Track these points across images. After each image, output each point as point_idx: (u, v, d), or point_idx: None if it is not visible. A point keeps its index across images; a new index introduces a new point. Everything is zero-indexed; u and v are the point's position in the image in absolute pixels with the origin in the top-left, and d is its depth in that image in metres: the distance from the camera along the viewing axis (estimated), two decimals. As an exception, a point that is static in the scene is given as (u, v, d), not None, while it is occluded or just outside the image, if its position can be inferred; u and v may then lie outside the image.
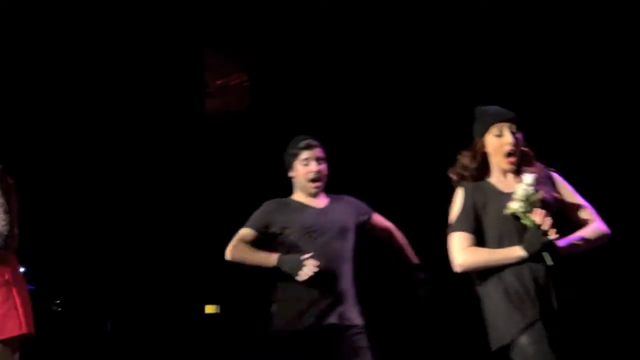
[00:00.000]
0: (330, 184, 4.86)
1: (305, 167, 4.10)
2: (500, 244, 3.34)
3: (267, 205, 4.15)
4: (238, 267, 6.43)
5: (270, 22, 6.32)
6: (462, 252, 3.36)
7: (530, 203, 3.23)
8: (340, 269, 4.03)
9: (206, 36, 6.54)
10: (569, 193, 3.47)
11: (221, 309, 6.43)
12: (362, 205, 4.27)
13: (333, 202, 4.20)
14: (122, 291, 6.35)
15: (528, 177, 3.25)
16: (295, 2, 6.21)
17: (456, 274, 3.72)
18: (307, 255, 3.83)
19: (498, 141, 3.36)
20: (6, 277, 3.70)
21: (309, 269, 3.83)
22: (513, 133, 3.35)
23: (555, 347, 3.22)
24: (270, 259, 3.95)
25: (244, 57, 6.73)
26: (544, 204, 3.26)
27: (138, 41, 6.44)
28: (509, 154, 3.33)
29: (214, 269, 6.15)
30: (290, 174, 4.16)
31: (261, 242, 4.16)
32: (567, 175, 3.67)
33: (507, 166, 3.36)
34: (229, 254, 4.09)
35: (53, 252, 6.19)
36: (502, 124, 3.41)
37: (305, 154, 4.09)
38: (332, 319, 3.94)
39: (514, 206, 3.21)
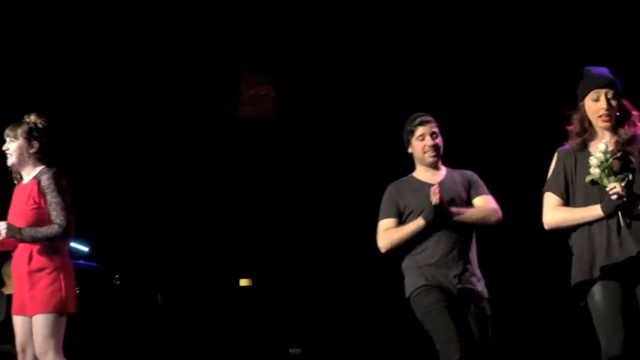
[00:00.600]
0: (345, 187, 6.26)
1: (421, 142, 4.14)
2: (586, 204, 3.46)
3: (389, 191, 4.25)
4: (266, 247, 6.67)
5: (295, 41, 6.72)
6: (548, 213, 3.55)
7: (604, 169, 3.35)
8: (458, 239, 4.10)
9: (240, 53, 6.88)
10: None
11: (253, 282, 6.81)
12: (476, 184, 4.28)
13: (449, 177, 4.25)
14: (170, 268, 6.81)
15: (601, 145, 3.38)
16: (316, 25, 6.60)
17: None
18: (431, 194, 3.97)
19: (595, 105, 3.46)
20: (56, 263, 4.10)
21: (434, 190, 3.95)
22: (609, 99, 3.45)
23: (632, 298, 3.42)
24: (419, 222, 4.06)
25: (272, 71, 7.10)
26: (623, 167, 3.42)
27: (184, 57, 6.83)
28: (601, 115, 3.47)
29: (247, 250, 6.93)
30: (409, 150, 4.22)
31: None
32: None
33: (602, 124, 3.44)
34: (382, 245, 4.18)
35: (113, 236, 6.69)
36: (600, 90, 3.50)
37: (420, 130, 4.14)
38: (452, 281, 4.05)
39: (592, 173, 3.37)
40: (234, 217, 7.01)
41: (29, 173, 4.23)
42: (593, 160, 3.33)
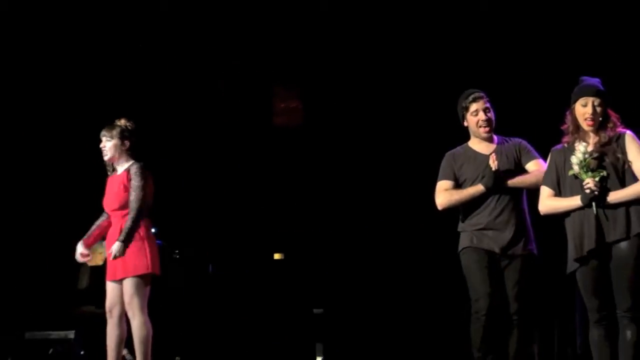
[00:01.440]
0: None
1: (475, 117, 4.11)
2: (571, 194, 3.61)
3: (447, 158, 4.27)
4: (295, 230, 7.12)
5: (318, 66, 7.21)
6: (542, 202, 3.75)
7: (582, 167, 3.52)
8: (507, 201, 4.07)
9: (275, 74, 7.48)
10: (632, 152, 3.59)
11: (285, 256, 7.32)
12: (526, 150, 4.22)
13: (499, 146, 4.19)
14: (219, 244, 7.28)
15: (581, 147, 3.56)
16: (337, 54, 7.03)
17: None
18: (490, 161, 3.99)
19: (582, 110, 3.60)
20: (141, 234, 4.41)
21: (493, 157, 4.01)
22: (594, 106, 3.59)
23: (605, 271, 3.57)
24: (478, 188, 4.05)
25: (300, 89, 7.54)
26: (599, 165, 3.57)
27: (230, 78, 7.43)
28: (586, 119, 3.59)
29: (280, 231, 7.39)
30: (464, 124, 4.19)
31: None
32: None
33: (586, 127, 3.61)
34: (440, 203, 4.17)
35: (173, 220, 6.96)
36: (589, 98, 3.61)
37: (474, 106, 4.11)
38: (500, 244, 4.03)
39: (573, 169, 3.56)
40: (270, 204, 7.46)
41: (122, 166, 4.54)
42: (574, 159, 3.54)
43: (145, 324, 4.43)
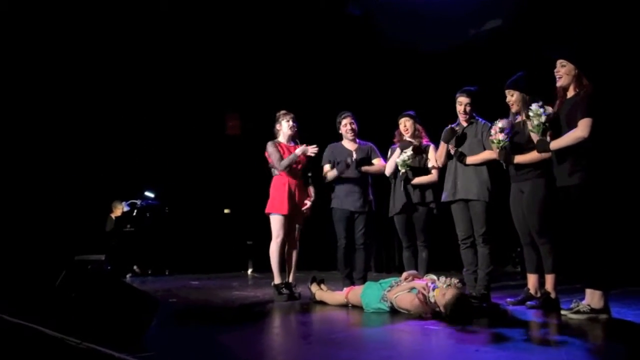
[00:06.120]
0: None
1: (345, 127, 4.64)
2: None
3: (328, 149, 4.66)
4: (237, 195, 8.57)
5: (248, 103, 8.17)
6: (387, 170, 4.28)
7: (402, 162, 4.14)
8: (360, 180, 4.53)
9: (226, 106, 8.61)
10: (431, 155, 4.07)
11: (231, 211, 8.58)
12: (374, 151, 4.61)
13: (359, 146, 4.64)
14: (192, 204, 8.52)
15: (404, 150, 4.15)
16: (260, 95, 7.65)
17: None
18: (353, 155, 4.42)
19: (403, 128, 4.29)
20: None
21: (350, 155, 4.43)
22: (406, 125, 4.25)
23: (410, 220, 4.19)
24: (335, 172, 4.52)
25: (239, 115, 8.67)
26: (412, 161, 4.11)
27: (205, 109, 8.37)
28: (405, 132, 4.20)
29: (229, 195, 8.45)
30: (340, 131, 4.69)
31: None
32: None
33: (407, 137, 4.22)
34: (326, 177, 4.58)
35: (166, 189, 8.16)
36: (405, 118, 4.29)
37: (344, 122, 4.64)
38: (355, 206, 4.50)
39: (399, 162, 4.16)
40: (222, 177, 8.48)
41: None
42: (401, 156, 4.26)
43: (271, 247, 4.55)
